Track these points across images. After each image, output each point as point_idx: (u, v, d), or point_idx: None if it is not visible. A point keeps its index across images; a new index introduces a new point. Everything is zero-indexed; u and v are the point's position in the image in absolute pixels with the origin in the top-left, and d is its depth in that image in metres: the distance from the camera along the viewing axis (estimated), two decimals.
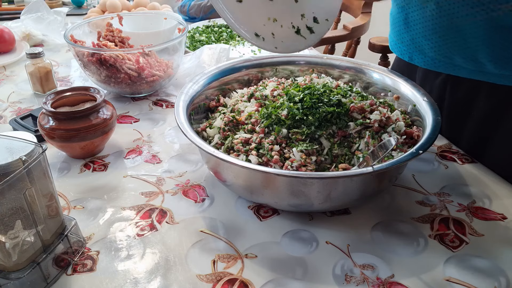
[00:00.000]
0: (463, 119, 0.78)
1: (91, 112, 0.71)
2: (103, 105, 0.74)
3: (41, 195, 0.48)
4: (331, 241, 0.56)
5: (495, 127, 0.74)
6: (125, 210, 0.62)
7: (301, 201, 0.57)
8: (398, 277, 0.51)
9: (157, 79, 0.93)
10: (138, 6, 1.38)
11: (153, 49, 0.91)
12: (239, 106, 0.70)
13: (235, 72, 0.80)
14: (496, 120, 0.73)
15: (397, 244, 0.56)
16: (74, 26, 0.97)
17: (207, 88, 0.75)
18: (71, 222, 0.54)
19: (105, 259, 0.54)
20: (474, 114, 0.76)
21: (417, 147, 0.55)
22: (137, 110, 0.91)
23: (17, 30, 1.27)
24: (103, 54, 0.87)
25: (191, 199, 0.64)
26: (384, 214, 0.61)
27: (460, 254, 0.54)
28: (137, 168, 0.72)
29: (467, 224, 0.59)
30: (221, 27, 1.38)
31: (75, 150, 0.73)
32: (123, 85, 0.91)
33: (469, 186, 0.66)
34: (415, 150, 0.54)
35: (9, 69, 1.13)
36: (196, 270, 0.52)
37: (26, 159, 0.46)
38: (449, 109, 0.80)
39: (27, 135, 0.66)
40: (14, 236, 0.46)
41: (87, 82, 1.05)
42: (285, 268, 0.53)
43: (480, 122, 0.75)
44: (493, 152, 0.74)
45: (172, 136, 0.81)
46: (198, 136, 0.60)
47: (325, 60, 0.82)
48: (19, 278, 0.47)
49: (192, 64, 1.00)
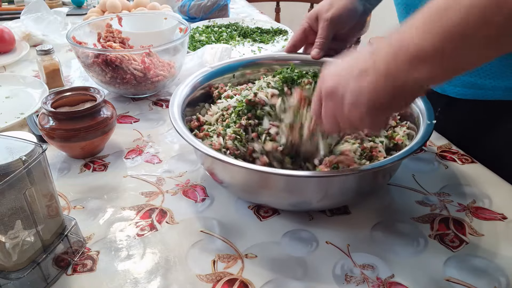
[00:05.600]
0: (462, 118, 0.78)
1: (91, 112, 0.71)
2: (103, 105, 0.74)
3: (41, 195, 0.48)
4: (331, 241, 0.56)
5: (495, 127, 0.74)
6: (125, 210, 0.62)
7: (298, 199, 0.57)
8: (398, 277, 0.51)
9: (161, 79, 0.93)
10: (138, 6, 1.38)
11: (158, 49, 0.91)
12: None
13: (229, 71, 0.79)
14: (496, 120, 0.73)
15: (397, 244, 0.56)
16: (75, 27, 0.97)
17: (200, 87, 0.75)
18: (71, 222, 0.54)
19: (105, 259, 0.54)
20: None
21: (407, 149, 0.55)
22: (137, 110, 0.91)
23: (17, 30, 1.27)
24: (109, 55, 0.87)
25: (191, 199, 0.64)
26: (384, 214, 0.61)
27: (460, 254, 0.54)
28: (137, 168, 0.72)
29: (467, 224, 0.59)
30: (221, 27, 1.38)
31: (75, 150, 0.73)
32: (128, 86, 0.91)
33: (469, 186, 0.66)
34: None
35: (9, 69, 1.13)
36: (196, 270, 0.52)
37: (26, 159, 0.46)
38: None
39: (27, 135, 0.66)
40: (14, 236, 0.46)
41: (87, 82, 1.05)
42: (285, 268, 0.53)
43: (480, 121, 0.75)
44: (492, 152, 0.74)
45: (172, 136, 0.81)
46: (195, 137, 0.60)
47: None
48: (19, 278, 0.47)
49: (194, 64, 1.00)
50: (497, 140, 0.74)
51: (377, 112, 0.46)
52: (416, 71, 0.42)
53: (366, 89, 0.45)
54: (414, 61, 0.42)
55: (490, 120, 0.76)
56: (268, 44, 1.28)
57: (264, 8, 1.90)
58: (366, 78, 0.45)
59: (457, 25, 0.39)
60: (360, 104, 0.46)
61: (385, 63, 0.44)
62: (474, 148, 0.75)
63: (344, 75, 0.47)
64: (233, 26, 1.40)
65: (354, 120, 0.48)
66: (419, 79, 0.43)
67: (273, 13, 2.15)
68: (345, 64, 0.49)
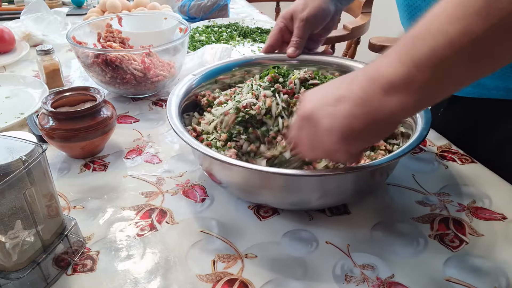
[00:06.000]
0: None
1: (91, 112, 0.71)
2: (103, 105, 0.74)
3: (41, 195, 0.48)
4: (331, 241, 0.56)
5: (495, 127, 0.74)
6: (125, 210, 0.62)
7: (297, 198, 0.57)
8: (398, 277, 0.51)
9: (161, 79, 0.93)
10: (138, 6, 1.38)
11: (158, 49, 0.91)
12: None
13: (227, 70, 0.79)
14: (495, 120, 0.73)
15: (397, 244, 0.56)
16: (75, 27, 0.97)
17: (198, 87, 0.75)
18: (71, 222, 0.54)
19: (105, 259, 0.54)
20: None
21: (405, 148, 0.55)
22: (137, 110, 0.91)
23: (17, 30, 1.27)
24: (109, 55, 0.87)
25: (191, 199, 0.64)
26: (384, 214, 0.61)
27: (460, 254, 0.54)
28: (137, 168, 0.72)
29: (467, 224, 0.59)
30: (221, 27, 1.38)
31: (75, 150, 0.73)
32: (128, 86, 0.91)
33: (469, 186, 0.66)
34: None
35: (9, 69, 1.13)
36: (196, 270, 0.52)
37: (26, 159, 0.46)
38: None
39: (27, 135, 0.66)
40: (14, 236, 0.46)
41: (87, 82, 1.05)
42: (285, 268, 0.53)
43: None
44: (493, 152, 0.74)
45: (172, 136, 0.81)
46: (193, 137, 0.60)
47: (316, 58, 0.81)
48: (19, 278, 0.47)
49: (194, 64, 1.00)
50: (497, 140, 0.75)
51: (349, 141, 0.47)
52: (389, 100, 0.43)
53: (341, 115, 0.46)
54: (387, 89, 0.43)
55: (490, 120, 0.76)
56: None
57: (264, 8, 1.90)
58: (341, 105, 0.46)
59: (425, 53, 0.40)
60: (335, 129, 0.46)
61: (361, 91, 0.45)
62: (474, 148, 0.75)
63: (321, 100, 0.48)
64: (233, 26, 1.40)
65: (328, 147, 0.48)
66: (392, 108, 0.43)
67: (273, 13, 2.15)
68: (323, 90, 0.50)
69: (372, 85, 0.44)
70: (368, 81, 0.44)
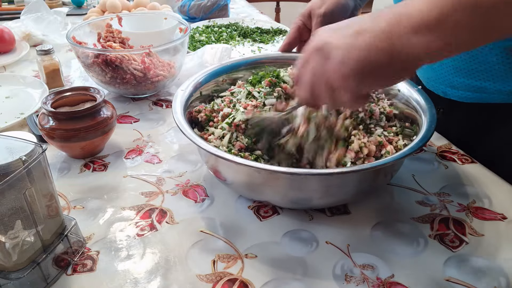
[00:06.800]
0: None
1: (91, 112, 0.71)
2: (103, 105, 0.74)
3: (41, 195, 0.48)
4: (331, 241, 0.56)
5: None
6: (125, 210, 0.62)
7: (299, 196, 0.57)
8: (398, 277, 0.51)
9: (161, 79, 0.93)
10: (138, 6, 1.38)
11: (158, 49, 0.91)
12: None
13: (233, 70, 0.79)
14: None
15: (397, 244, 0.56)
16: (75, 27, 0.97)
17: (205, 86, 0.74)
18: (71, 222, 0.54)
19: (105, 259, 0.54)
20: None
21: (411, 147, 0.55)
22: (137, 110, 0.91)
23: (17, 30, 1.27)
24: (109, 55, 0.87)
25: (191, 199, 0.64)
26: (384, 214, 0.61)
27: (460, 254, 0.54)
28: (137, 168, 0.72)
29: (467, 224, 0.59)
30: (221, 27, 1.38)
31: (75, 150, 0.73)
32: (128, 86, 0.91)
33: (469, 186, 0.66)
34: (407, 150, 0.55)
35: (9, 69, 1.13)
36: (196, 270, 0.52)
37: (26, 159, 0.46)
38: None
39: (27, 135, 0.66)
40: (14, 236, 0.46)
41: (87, 82, 1.05)
42: (285, 268, 0.53)
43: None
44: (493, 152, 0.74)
45: (172, 136, 0.81)
46: (199, 136, 0.60)
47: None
48: (19, 278, 0.47)
49: (194, 64, 1.00)
50: (497, 140, 0.74)
51: (363, 75, 0.43)
52: (416, 39, 0.41)
53: (359, 46, 0.43)
54: (417, 27, 0.41)
55: (492, 122, 0.75)
56: (268, 44, 1.28)
57: (264, 8, 1.90)
58: (362, 37, 0.43)
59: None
60: (349, 61, 0.43)
61: (388, 26, 0.42)
62: (475, 148, 0.75)
63: (340, 32, 0.45)
64: (233, 26, 1.40)
65: (335, 83, 0.45)
66: (418, 48, 0.41)
67: (273, 13, 2.15)
68: (344, 23, 0.47)
69: (400, 22, 0.42)
70: (397, 17, 0.42)
